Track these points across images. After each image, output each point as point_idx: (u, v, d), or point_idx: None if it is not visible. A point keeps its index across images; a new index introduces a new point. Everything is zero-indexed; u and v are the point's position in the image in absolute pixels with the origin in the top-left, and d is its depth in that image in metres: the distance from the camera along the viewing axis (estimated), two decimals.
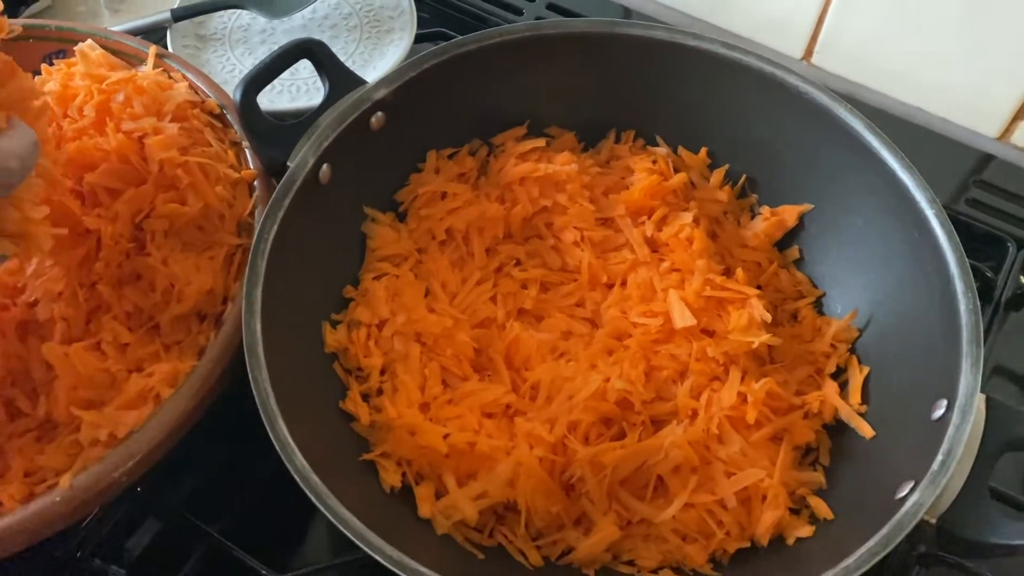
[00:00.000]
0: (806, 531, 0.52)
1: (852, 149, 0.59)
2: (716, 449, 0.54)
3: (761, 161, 0.66)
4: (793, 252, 0.65)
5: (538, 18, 0.86)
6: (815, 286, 0.63)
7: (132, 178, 0.56)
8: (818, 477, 0.55)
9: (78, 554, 0.56)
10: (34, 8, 0.82)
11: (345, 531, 0.45)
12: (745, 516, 0.53)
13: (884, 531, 0.45)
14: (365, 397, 0.57)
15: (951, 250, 0.53)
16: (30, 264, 0.57)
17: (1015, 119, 0.77)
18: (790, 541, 0.52)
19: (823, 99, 0.60)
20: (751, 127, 0.65)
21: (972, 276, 0.52)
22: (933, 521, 0.46)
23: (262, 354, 0.50)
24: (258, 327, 0.51)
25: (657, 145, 0.68)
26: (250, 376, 0.49)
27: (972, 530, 0.46)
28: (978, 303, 0.51)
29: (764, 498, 0.53)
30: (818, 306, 0.63)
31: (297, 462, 0.47)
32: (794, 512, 0.54)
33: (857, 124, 0.59)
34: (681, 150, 0.67)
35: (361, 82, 0.62)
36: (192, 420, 0.51)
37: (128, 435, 0.49)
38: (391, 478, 0.54)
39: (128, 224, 0.55)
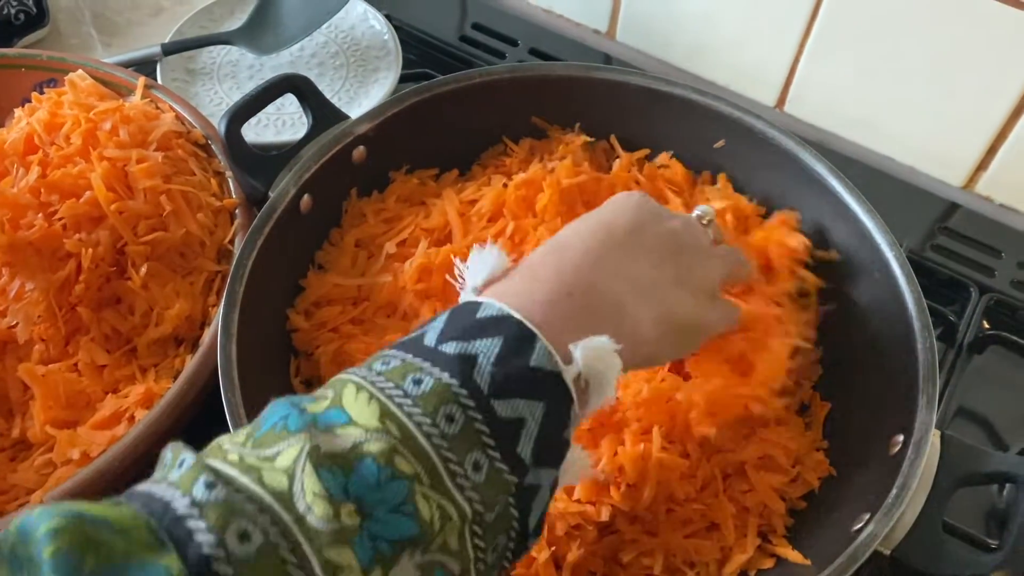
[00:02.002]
0: (767, 563, 0.53)
1: (817, 193, 0.61)
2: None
3: None
4: None
5: (520, 62, 0.89)
6: None
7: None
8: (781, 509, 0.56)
9: None
10: (28, 38, 0.84)
11: None
12: (716, 555, 0.53)
13: (839, 561, 0.46)
14: None
15: (909, 291, 0.55)
16: (11, 287, 0.58)
17: (978, 169, 0.79)
18: (751, 573, 0.53)
19: (789, 144, 0.63)
20: (722, 171, 0.67)
21: (929, 316, 0.54)
22: (887, 552, 0.47)
23: (236, 379, 0.51)
24: (234, 351, 0.52)
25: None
26: (224, 400, 0.50)
27: (924, 562, 0.47)
28: (934, 342, 0.53)
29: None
30: None
31: None
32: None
33: (821, 169, 0.61)
34: None
35: (344, 117, 0.64)
36: (165, 441, 0.52)
37: (100, 454, 0.50)
38: None
39: (110, 249, 0.56)
